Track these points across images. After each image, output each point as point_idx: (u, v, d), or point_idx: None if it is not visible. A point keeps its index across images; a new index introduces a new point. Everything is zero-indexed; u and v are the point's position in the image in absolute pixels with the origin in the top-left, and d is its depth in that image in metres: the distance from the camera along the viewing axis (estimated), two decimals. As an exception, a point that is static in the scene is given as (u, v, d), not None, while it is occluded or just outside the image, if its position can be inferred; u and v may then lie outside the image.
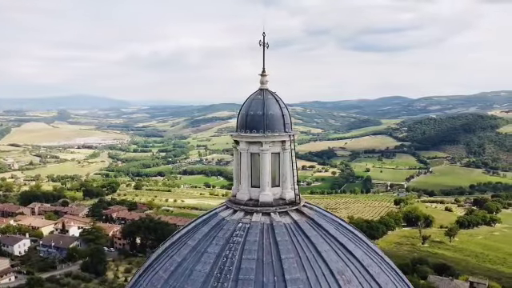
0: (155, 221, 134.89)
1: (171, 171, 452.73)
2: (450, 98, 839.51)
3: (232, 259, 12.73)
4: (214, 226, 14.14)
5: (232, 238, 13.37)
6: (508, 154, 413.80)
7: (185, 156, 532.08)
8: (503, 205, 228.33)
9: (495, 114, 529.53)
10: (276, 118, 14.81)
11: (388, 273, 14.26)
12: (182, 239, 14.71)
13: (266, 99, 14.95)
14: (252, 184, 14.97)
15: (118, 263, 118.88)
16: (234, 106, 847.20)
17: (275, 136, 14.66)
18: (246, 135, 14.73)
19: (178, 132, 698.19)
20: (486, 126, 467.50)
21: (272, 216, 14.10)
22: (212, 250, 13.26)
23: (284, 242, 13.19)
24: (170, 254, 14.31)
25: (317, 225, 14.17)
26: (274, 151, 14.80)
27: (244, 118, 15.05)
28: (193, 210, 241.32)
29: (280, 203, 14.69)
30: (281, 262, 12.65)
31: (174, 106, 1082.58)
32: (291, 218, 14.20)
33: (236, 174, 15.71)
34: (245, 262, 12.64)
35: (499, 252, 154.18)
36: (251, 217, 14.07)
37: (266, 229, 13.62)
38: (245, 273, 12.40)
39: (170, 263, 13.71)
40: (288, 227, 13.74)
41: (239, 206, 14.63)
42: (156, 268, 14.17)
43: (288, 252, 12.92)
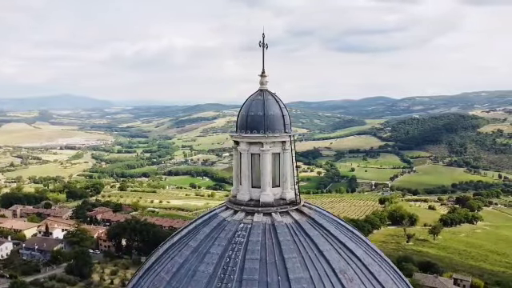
0: (141, 222, 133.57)
1: (156, 172, 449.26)
2: (433, 98, 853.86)
3: (235, 260, 12.75)
4: (216, 227, 14.14)
5: (234, 238, 13.39)
6: (488, 154, 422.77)
7: (170, 157, 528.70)
8: (484, 203, 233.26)
9: (476, 114, 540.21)
10: (276, 118, 14.89)
11: (387, 271, 14.49)
12: (182, 240, 14.65)
13: (266, 100, 15.01)
14: (252, 184, 15.01)
15: (103, 265, 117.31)
16: (220, 107, 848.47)
17: (276, 136, 14.74)
18: (247, 136, 14.76)
19: (163, 132, 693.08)
20: (467, 126, 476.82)
21: (273, 216, 14.17)
22: (214, 250, 13.26)
23: (286, 241, 13.28)
24: (170, 255, 14.24)
25: (317, 224, 14.30)
26: (274, 151, 14.87)
27: (244, 118, 15.07)
28: (179, 211, 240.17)
29: (281, 203, 14.76)
30: (284, 261, 12.72)
31: (159, 107, 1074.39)
32: (292, 218, 14.29)
33: (236, 174, 15.72)
34: (248, 262, 12.68)
35: (481, 249, 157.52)
36: (252, 217, 14.11)
37: (268, 229, 13.68)
38: (249, 273, 12.44)
39: (171, 264, 13.65)
40: (289, 227, 13.83)
41: (240, 206, 14.65)
42: (157, 269, 14.09)
43: (291, 252, 13.01)
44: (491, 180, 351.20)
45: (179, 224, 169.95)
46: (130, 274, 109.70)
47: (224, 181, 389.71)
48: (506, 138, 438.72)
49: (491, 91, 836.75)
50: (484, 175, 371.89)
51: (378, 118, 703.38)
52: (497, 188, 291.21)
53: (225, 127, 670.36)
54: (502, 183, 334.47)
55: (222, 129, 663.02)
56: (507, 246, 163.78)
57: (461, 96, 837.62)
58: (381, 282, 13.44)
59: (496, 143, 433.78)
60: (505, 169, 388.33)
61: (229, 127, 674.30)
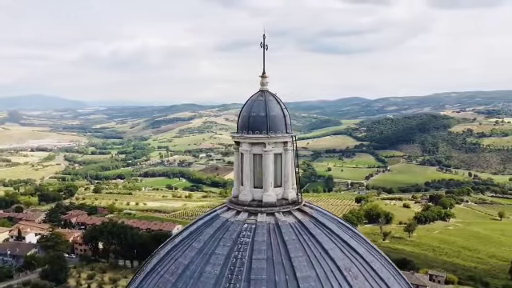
0: (118, 225, 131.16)
1: (131, 173, 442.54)
2: (406, 98, 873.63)
3: (242, 260, 12.78)
4: (219, 228, 14.13)
5: (239, 238, 13.42)
6: (459, 153, 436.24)
7: (145, 158, 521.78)
8: (456, 200, 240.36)
9: (447, 114, 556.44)
10: (278, 119, 15.00)
11: (388, 268, 14.84)
12: (185, 242, 14.56)
13: (268, 100, 15.10)
14: (254, 185, 15.07)
15: (79, 270, 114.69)
16: (196, 107, 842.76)
17: (278, 137, 14.85)
18: (250, 136, 14.81)
19: (138, 133, 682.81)
20: (439, 126, 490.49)
21: (276, 216, 14.28)
22: (220, 251, 13.25)
23: (291, 241, 13.41)
24: (174, 257, 14.14)
25: (320, 223, 14.50)
26: (276, 152, 14.97)
27: (246, 119, 15.11)
28: (156, 212, 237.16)
29: (283, 203, 14.89)
30: (290, 260, 12.85)
31: (134, 107, 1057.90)
32: (295, 218, 14.44)
33: (237, 175, 15.73)
34: (255, 262, 12.74)
35: (454, 245, 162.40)
36: (256, 217, 14.17)
37: (273, 229, 13.78)
38: (256, 272, 12.50)
39: (175, 266, 13.55)
40: (293, 226, 13.98)
41: (243, 207, 14.68)
42: (160, 272, 13.95)
43: (296, 251, 13.15)
44: (462, 178, 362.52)
45: (157, 226, 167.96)
46: (108, 278, 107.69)
47: (201, 182, 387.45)
48: (475, 137, 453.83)
49: (461, 92, 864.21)
50: (455, 173, 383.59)
51: (354, 118, 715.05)
52: (467, 186, 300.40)
53: (201, 128, 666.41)
54: (472, 181, 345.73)
55: (198, 129, 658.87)
56: (478, 242, 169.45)
57: (432, 96, 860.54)
58: (383, 278, 13.77)
59: (466, 142, 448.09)
60: (474, 167, 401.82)
61: (205, 128, 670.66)
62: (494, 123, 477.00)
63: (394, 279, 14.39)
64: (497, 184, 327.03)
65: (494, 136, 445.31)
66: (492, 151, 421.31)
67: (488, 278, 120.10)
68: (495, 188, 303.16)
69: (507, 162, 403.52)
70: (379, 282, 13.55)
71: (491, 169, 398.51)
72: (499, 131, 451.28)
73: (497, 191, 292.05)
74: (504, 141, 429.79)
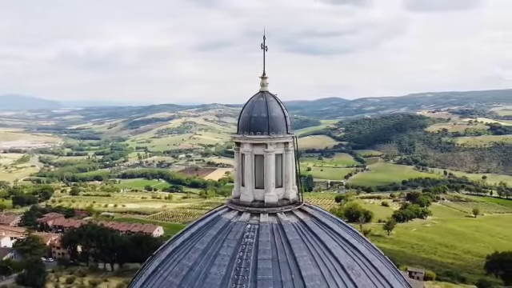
0: (98, 227, 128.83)
1: (109, 175, 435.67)
2: (383, 99, 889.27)
3: (247, 260, 12.83)
4: (222, 229, 14.13)
5: (243, 239, 13.46)
6: (435, 152, 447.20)
7: (123, 159, 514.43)
8: (432, 198, 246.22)
9: (423, 114, 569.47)
10: (279, 119, 15.12)
11: (387, 265, 15.15)
12: (186, 243, 14.49)
13: (269, 101, 15.20)
14: (255, 185, 15.13)
15: (58, 274, 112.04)
16: (175, 107, 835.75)
17: (280, 137, 14.96)
18: (252, 137, 14.86)
19: (116, 134, 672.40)
20: (415, 126, 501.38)
21: (279, 216, 14.38)
22: (225, 252, 13.26)
23: (295, 240, 13.54)
24: (176, 258, 14.05)
25: (321, 223, 14.68)
26: (277, 152, 15.07)
27: (247, 120, 15.16)
28: (135, 214, 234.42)
29: (284, 203, 15.01)
30: (295, 260, 12.97)
31: (111, 107, 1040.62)
32: (297, 218, 14.57)
33: (237, 176, 15.76)
34: (261, 262, 12.81)
35: (431, 242, 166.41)
36: (258, 218, 14.24)
37: (276, 229, 13.88)
38: (262, 273, 12.57)
39: (179, 268, 13.48)
40: (296, 226, 14.11)
41: (244, 207, 14.72)
42: (163, 274, 13.85)
43: (301, 250, 13.28)
44: (437, 176, 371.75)
45: (137, 228, 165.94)
46: (88, 282, 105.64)
47: (181, 183, 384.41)
48: (450, 136, 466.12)
49: (436, 92, 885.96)
50: (431, 172, 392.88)
51: (333, 118, 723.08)
52: (443, 184, 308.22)
53: (180, 128, 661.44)
54: (448, 179, 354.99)
55: (177, 130, 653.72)
56: (454, 239, 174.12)
57: (408, 97, 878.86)
58: (384, 276, 14.05)
59: (441, 142, 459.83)
60: (449, 166, 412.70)
61: (184, 128, 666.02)
62: (467, 123, 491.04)
63: (394, 277, 14.71)
64: (471, 182, 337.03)
65: (467, 135, 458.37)
66: (466, 150, 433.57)
67: (464, 273, 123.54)
68: (469, 186, 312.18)
69: (480, 161, 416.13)
70: (381, 280, 13.84)
71: (465, 167, 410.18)
72: (473, 131, 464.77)
73: (471, 189, 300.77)
74: (477, 140, 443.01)
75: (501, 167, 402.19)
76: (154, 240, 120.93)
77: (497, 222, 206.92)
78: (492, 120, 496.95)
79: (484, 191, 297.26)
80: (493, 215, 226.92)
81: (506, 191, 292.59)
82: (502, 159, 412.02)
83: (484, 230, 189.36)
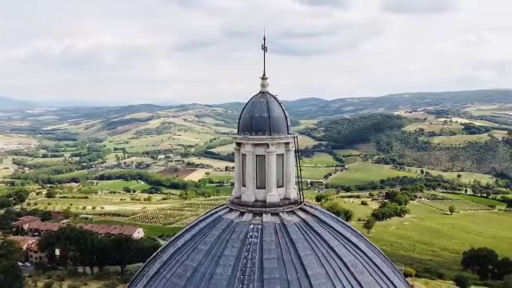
0: (77, 230, 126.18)
1: (87, 177, 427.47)
2: (361, 99, 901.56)
3: (252, 260, 12.85)
4: (225, 229, 14.11)
5: (247, 239, 13.48)
6: (412, 151, 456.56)
7: (101, 160, 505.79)
8: (410, 197, 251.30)
9: (400, 114, 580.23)
10: (280, 120, 15.19)
11: (387, 263, 15.43)
12: (189, 244, 14.39)
13: (270, 102, 15.25)
14: (257, 185, 15.14)
15: (35, 278, 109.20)
16: (153, 107, 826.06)
17: (281, 138, 15.03)
18: (253, 137, 14.88)
19: (93, 135, 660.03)
20: (392, 126, 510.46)
21: (281, 216, 14.45)
22: (229, 252, 13.25)
23: (299, 239, 13.64)
24: (179, 260, 13.94)
25: (322, 222, 14.83)
26: (278, 153, 15.13)
27: (249, 120, 15.16)
28: (114, 216, 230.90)
29: (286, 203, 15.09)
30: (300, 259, 13.06)
31: (88, 107, 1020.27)
32: (299, 217, 14.68)
33: (238, 176, 15.75)
34: (266, 261, 12.86)
35: (410, 240, 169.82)
36: (261, 218, 14.28)
37: (279, 228, 13.95)
38: (269, 272, 12.62)
39: (183, 269, 13.38)
40: (298, 226, 14.21)
41: (246, 207, 14.73)
42: (166, 275, 13.71)
43: (305, 249, 13.39)
44: (415, 175, 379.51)
45: (117, 230, 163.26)
46: (67, 286, 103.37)
47: (160, 184, 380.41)
48: (426, 136, 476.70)
49: (413, 93, 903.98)
50: (408, 171, 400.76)
51: (312, 118, 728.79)
52: (420, 183, 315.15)
53: (159, 128, 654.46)
54: (424, 178, 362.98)
55: (156, 130, 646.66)
56: (431, 236, 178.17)
57: (386, 97, 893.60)
58: (385, 273, 14.32)
59: (418, 141, 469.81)
60: (426, 165, 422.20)
61: (163, 128, 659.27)
62: (443, 123, 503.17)
63: (394, 274, 15.01)
64: (446, 180, 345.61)
65: (443, 135, 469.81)
66: (442, 149, 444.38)
67: (442, 269, 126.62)
68: (445, 184, 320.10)
69: (455, 160, 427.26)
70: (382, 277, 14.10)
71: (441, 166, 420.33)
72: (448, 130, 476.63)
73: (447, 187, 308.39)
74: (452, 139, 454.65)
75: (475, 166, 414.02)
76: (134, 242, 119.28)
77: (472, 220, 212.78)
78: (466, 120, 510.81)
79: (459, 189, 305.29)
80: (468, 212, 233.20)
81: (479, 189, 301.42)
82: (475, 158, 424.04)
83: (460, 227, 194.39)
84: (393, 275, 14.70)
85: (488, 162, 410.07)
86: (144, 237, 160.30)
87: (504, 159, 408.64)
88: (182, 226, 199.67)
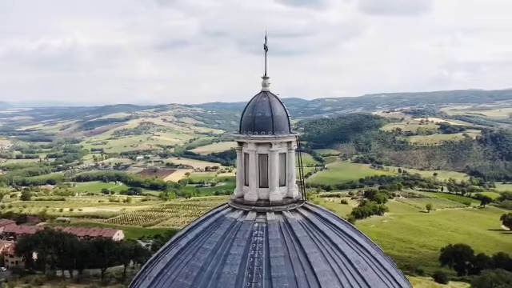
0: (56, 233, 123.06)
1: (63, 178, 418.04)
2: (340, 99, 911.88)
3: (259, 258, 12.93)
4: (229, 228, 14.12)
5: (252, 238, 13.53)
6: (389, 150, 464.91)
7: (78, 161, 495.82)
8: (388, 195, 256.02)
9: (378, 114, 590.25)
10: (282, 119, 15.31)
11: (387, 259, 15.75)
12: (193, 244, 14.34)
13: (272, 101, 15.35)
14: (260, 184, 15.20)
15: (12, 283, 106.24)
16: (132, 108, 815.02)
17: (284, 137, 15.15)
18: (257, 137, 14.94)
19: (70, 135, 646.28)
20: (371, 125, 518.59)
21: (285, 214, 14.57)
22: (235, 251, 13.28)
23: (304, 237, 13.78)
24: (183, 260, 13.87)
25: (324, 219, 15.02)
26: (281, 152, 15.24)
27: (251, 119, 15.21)
28: (93, 218, 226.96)
29: (289, 201, 15.21)
30: (306, 256, 13.21)
31: (64, 108, 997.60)
32: (302, 215, 14.82)
33: (240, 175, 15.78)
34: (273, 259, 12.95)
35: (389, 238, 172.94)
36: (265, 216, 14.36)
37: (284, 227, 14.06)
38: (276, 270, 12.72)
39: (189, 269, 13.33)
40: (302, 224, 14.35)
41: (250, 206, 14.78)
42: (171, 276, 13.62)
43: (310, 247, 13.54)
44: (392, 174, 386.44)
45: (96, 233, 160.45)
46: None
47: (139, 185, 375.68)
48: (403, 135, 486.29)
49: (390, 93, 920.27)
50: (386, 170, 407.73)
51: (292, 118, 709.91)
52: (398, 181, 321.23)
53: (138, 129, 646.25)
54: (402, 177, 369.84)
55: (134, 131, 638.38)
56: (410, 234, 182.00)
57: (364, 98, 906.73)
58: (387, 269, 14.62)
59: (395, 141, 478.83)
60: (403, 164, 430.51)
61: (142, 129, 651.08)
62: (419, 122, 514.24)
63: (395, 270, 15.33)
64: (423, 179, 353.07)
65: (419, 134, 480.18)
66: (418, 148, 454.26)
67: (421, 266, 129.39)
68: (422, 183, 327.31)
69: (432, 159, 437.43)
70: (384, 273, 14.38)
71: (418, 165, 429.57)
72: (424, 130, 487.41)
73: (424, 185, 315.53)
74: (428, 139, 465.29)
75: (450, 164, 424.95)
76: (115, 244, 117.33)
77: (448, 217, 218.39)
78: (441, 120, 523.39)
79: (435, 187, 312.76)
80: (444, 210, 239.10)
81: (455, 187, 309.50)
82: (451, 157, 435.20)
83: (437, 224, 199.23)
84: (394, 271, 15.03)
85: (463, 161, 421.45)
86: (124, 239, 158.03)
87: (478, 158, 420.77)
88: (162, 227, 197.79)
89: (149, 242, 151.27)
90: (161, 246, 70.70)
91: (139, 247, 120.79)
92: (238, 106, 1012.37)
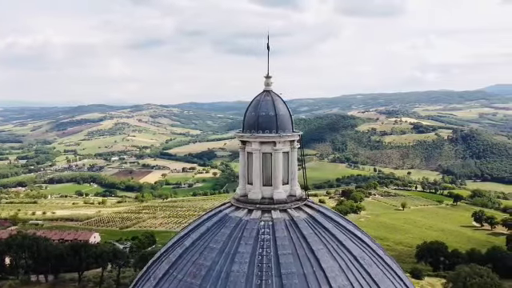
0: (30, 237, 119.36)
1: (35, 180, 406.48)
2: (317, 99, 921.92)
3: (268, 256, 13.00)
4: (235, 227, 14.13)
5: (259, 236, 13.60)
6: (365, 150, 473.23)
7: (50, 163, 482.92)
8: (365, 194, 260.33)
9: (354, 114, 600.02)
10: (286, 118, 15.44)
11: (388, 255, 16.08)
12: (198, 243, 14.26)
13: (275, 100, 15.46)
14: (263, 183, 15.27)
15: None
16: (106, 108, 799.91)
17: (288, 136, 15.28)
18: (261, 135, 15.02)
19: (41, 136, 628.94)
20: (347, 125, 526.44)
21: (289, 212, 14.69)
22: (243, 249, 13.30)
23: (310, 234, 13.94)
24: (189, 259, 13.78)
25: (327, 217, 15.24)
26: (284, 150, 15.36)
27: (255, 118, 15.27)
28: (67, 221, 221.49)
29: (292, 199, 15.37)
30: (314, 253, 13.36)
31: (35, 108, 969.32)
32: (306, 213, 14.99)
33: (243, 174, 15.80)
34: (282, 257, 13.05)
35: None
36: (270, 214, 14.45)
37: (290, 224, 14.18)
38: (285, 267, 12.82)
39: (196, 268, 13.25)
40: (307, 221, 14.52)
41: (254, 205, 14.84)
42: (177, 276, 13.50)
43: (317, 244, 13.71)
44: (368, 173, 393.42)
45: (71, 236, 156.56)
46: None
47: (114, 186, 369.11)
48: (378, 135, 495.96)
49: (365, 94, 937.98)
50: (362, 169, 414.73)
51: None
52: (373, 180, 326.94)
53: (113, 129, 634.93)
54: (377, 176, 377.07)
55: (109, 131, 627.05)
56: (386, 232, 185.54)
57: (340, 98, 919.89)
58: (389, 264, 14.95)
59: (371, 140, 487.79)
60: (378, 163, 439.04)
61: (117, 129, 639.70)
62: (393, 122, 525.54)
63: (397, 266, 15.70)
64: (398, 178, 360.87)
65: (394, 134, 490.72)
66: (393, 148, 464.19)
67: (398, 262, 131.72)
68: (397, 181, 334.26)
69: (405, 158, 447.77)
70: (387, 268, 14.72)
71: (392, 164, 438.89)
72: (398, 130, 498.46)
73: (398, 184, 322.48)
74: (402, 138, 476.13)
75: (423, 163, 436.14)
76: (93, 247, 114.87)
77: (422, 214, 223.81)
78: (415, 119, 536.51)
79: (410, 186, 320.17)
80: (418, 208, 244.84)
81: (428, 185, 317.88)
82: (424, 156, 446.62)
83: (411, 222, 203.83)
84: (395, 267, 15.41)
85: (435, 160, 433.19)
86: (101, 241, 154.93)
87: (449, 157, 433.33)
88: (140, 229, 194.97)
89: (126, 245, 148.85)
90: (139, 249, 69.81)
91: (117, 250, 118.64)
92: (215, 106, 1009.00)
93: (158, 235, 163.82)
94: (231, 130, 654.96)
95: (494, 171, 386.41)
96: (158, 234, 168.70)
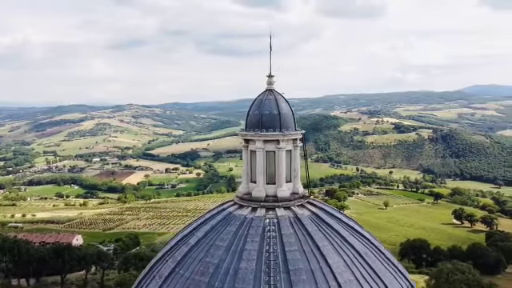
0: (10, 240, 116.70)
1: (13, 182, 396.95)
2: (301, 99, 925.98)
3: (275, 253, 13.13)
4: (240, 225, 14.21)
5: (265, 233, 13.72)
6: (348, 150, 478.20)
7: (29, 164, 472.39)
8: (348, 193, 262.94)
9: (336, 114, 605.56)
10: (289, 116, 15.59)
11: (388, 250, 16.41)
12: (203, 242, 14.28)
13: (278, 99, 15.58)
14: (267, 181, 15.39)
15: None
16: (86, 108, 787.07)
17: (291, 134, 15.42)
18: (265, 134, 15.12)
19: (19, 137, 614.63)
20: (330, 125, 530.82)
21: (293, 210, 14.85)
22: (250, 247, 13.39)
23: (315, 231, 14.13)
24: (196, 257, 13.80)
25: (330, 214, 15.47)
26: (288, 149, 15.50)
27: (259, 117, 15.36)
28: (48, 224, 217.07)
29: (296, 197, 15.52)
30: (319, 249, 13.55)
31: (13, 108, 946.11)
32: (309, 210, 15.17)
33: (246, 172, 15.87)
34: (289, 253, 13.21)
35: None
36: (275, 212, 14.58)
37: (294, 221, 14.35)
38: (293, 263, 12.96)
39: (204, 266, 13.28)
40: (311, 218, 14.71)
41: (258, 203, 14.94)
42: (184, 274, 13.49)
43: (322, 240, 13.91)
44: (351, 173, 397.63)
45: (52, 238, 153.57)
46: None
47: (96, 188, 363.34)
48: (360, 135, 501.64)
49: (347, 94, 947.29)
50: (345, 169, 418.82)
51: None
52: (356, 180, 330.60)
53: (93, 130, 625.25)
54: (360, 175, 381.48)
55: (90, 132, 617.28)
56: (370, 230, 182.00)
57: (323, 98, 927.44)
58: (390, 259, 15.28)
59: (353, 140, 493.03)
60: (361, 162, 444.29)
61: (98, 130, 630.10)
62: (375, 122, 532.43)
63: (398, 262, 16.02)
64: (380, 177, 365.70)
65: (375, 134, 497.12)
66: (375, 147, 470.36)
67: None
68: (379, 180, 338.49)
69: (387, 157, 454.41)
70: (389, 264, 15.05)
71: (374, 163, 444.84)
72: (380, 130, 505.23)
73: (381, 183, 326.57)
74: (384, 138, 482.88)
75: (404, 163, 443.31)
76: (76, 250, 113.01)
77: (404, 213, 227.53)
78: (396, 120, 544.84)
79: (392, 185, 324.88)
80: (400, 206, 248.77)
81: (409, 184, 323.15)
82: (405, 155, 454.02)
83: (394, 221, 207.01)
84: (397, 262, 15.74)
85: (416, 159, 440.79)
86: (84, 244, 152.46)
87: (430, 156, 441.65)
88: (123, 230, 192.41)
89: (110, 247, 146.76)
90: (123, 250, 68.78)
91: (102, 252, 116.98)
92: (198, 106, 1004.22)
93: (141, 236, 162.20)
94: (214, 130, 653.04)
95: (472, 170, 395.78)
96: (142, 236, 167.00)
